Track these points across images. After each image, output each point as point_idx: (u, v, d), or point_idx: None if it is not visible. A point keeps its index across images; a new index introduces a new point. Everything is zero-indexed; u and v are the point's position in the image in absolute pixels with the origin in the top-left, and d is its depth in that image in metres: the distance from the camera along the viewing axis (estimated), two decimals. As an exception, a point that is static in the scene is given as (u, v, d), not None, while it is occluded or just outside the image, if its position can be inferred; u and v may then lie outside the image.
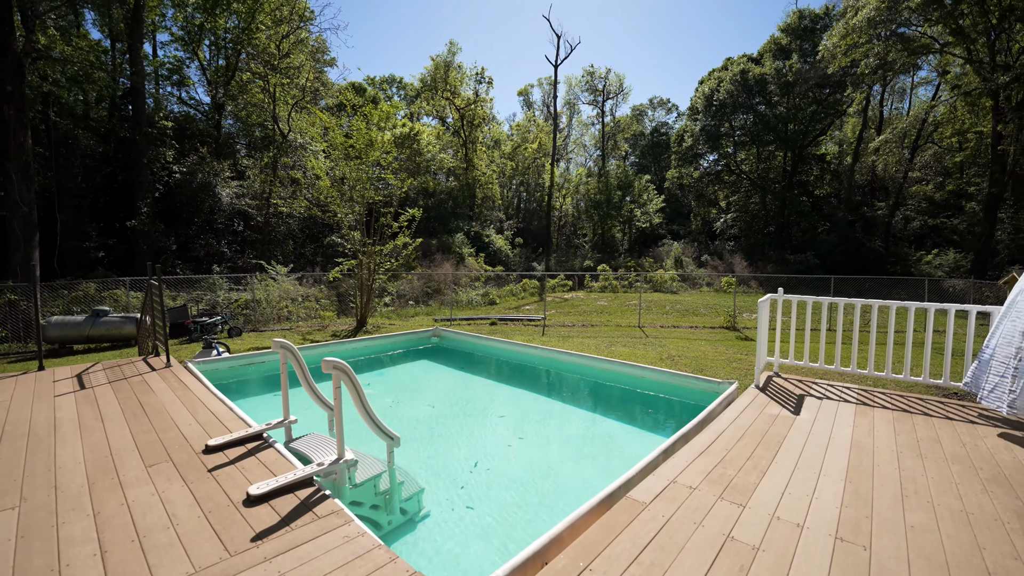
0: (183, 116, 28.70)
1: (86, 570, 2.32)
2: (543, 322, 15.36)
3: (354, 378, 3.41)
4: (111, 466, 3.40)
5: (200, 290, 18.33)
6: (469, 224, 33.07)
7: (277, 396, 6.51)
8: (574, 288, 27.71)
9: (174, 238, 21.80)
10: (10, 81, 13.94)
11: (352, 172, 13.95)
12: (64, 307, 15.49)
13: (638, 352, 10.53)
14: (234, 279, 18.79)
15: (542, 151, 40.70)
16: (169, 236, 21.58)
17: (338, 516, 2.83)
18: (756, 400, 4.91)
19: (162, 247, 21.31)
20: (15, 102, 14.03)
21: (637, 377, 6.73)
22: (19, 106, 14.15)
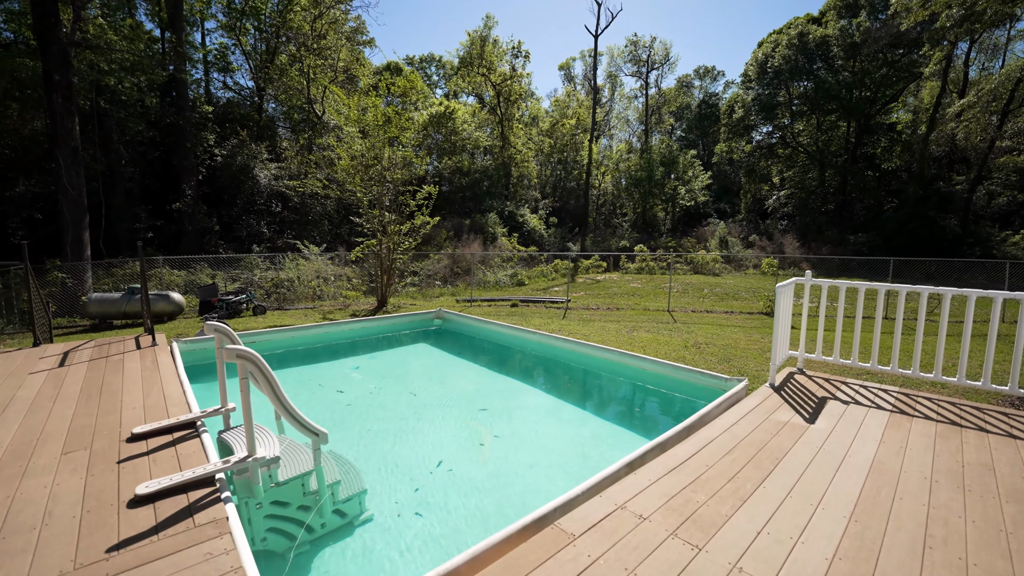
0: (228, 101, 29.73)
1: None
2: (565, 304, 14.71)
3: (264, 368, 3.03)
4: (28, 452, 3.24)
5: (238, 269, 18.95)
6: (503, 204, 32.48)
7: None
8: (608, 269, 26.66)
9: (216, 219, 22.70)
10: (57, 70, 14.64)
11: (369, 151, 13.69)
12: (113, 285, 16.46)
13: (661, 338, 9.77)
14: (270, 258, 19.33)
15: (581, 127, 39.12)
16: (212, 217, 22.49)
17: (215, 526, 2.47)
18: (765, 402, 4.15)
19: (206, 228, 22.25)
20: (63, 90, 14.74)
21: (637, 369, 6.05)
22: (67, 94, 14.87)
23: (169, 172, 22.47)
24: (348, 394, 5.87)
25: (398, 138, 14.58)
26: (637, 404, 5.84)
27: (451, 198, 33.82)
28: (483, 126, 38.30)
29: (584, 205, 36.62)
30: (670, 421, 5.10)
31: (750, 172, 34.01)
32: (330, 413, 5.37)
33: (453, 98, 41.30)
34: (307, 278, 18.34)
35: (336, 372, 6.83)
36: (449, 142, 36.41)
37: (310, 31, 26.02)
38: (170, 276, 17.54)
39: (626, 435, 4.85)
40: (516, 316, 12.86)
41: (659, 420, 5.31)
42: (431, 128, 36.64)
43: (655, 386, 5.99)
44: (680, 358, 8.10)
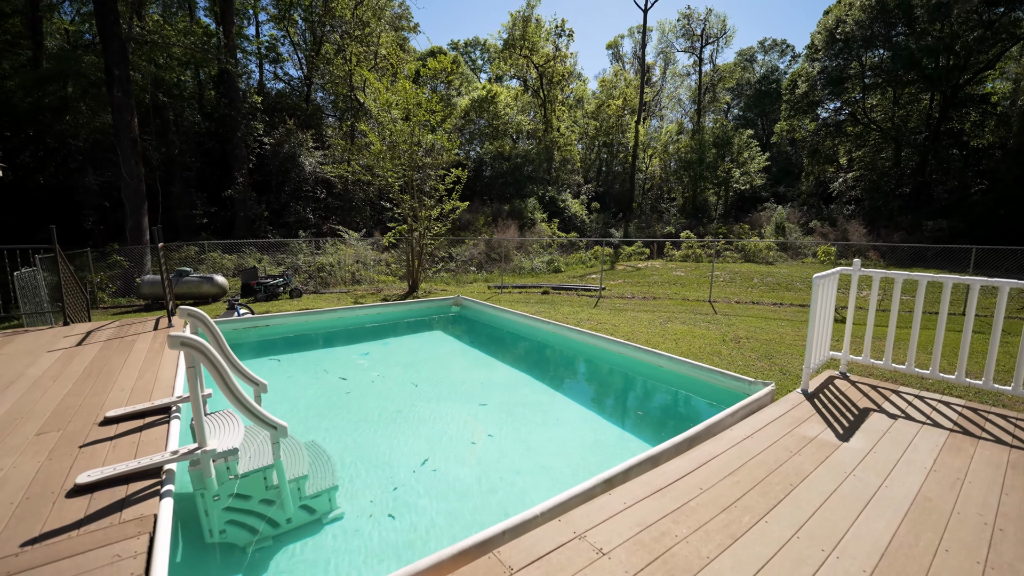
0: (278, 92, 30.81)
1: None
2: (599, 292, 14.10)
3: (213, 357, 2.84)
4: (5, 430, 3.27)
5: (283, 253, 19.65)
6: (544, 188, 31.82)
7: (256, 362, 6.43)
8: (652, 256, 25.52)
9: (265, 206, 23.67)
10: (117, 66, 15.55)
11: (399, 135, 13.57)
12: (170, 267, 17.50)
13: (697, 331, 9.09)
14: (313, 243, 19.93)
15: (628, 107, 37.46)
16: (261, 204, 23.46)
17: (138, 524, 2.31)
18: (792, 412, 3.55)
19: (256, 214, 23.27)
20: (122, 84, 15.67)
21: (653, 366, 5.50)
22: (125, 88, 15.80)
23: (223, 161, 23.58)
24: (350, 381, 5.75)
25: (429, 122, 14.38)
26: (650, 406, 5.32)
27: (492, 183, 33.55)
28: (526, 110, 37.53)
29: (629, 189, 35.20)
30: (685, 427, 4.57)
31: (813, 153, 31.24)
32: (328, 400, 5.26)
33: (496, 82, 40.72)
34: (346, 263, 18.75)
35: (346, 357, 6.76)
36: (491, 127, 36.02)
37: (352, 18, 26.25)
38: (221, 260, 18.46)
39: (632, 442, 4.38)
40: (545, 304, 12.45)
41: (671, 426, 4.78)
42: (473, 113, 36.36)
43: (672, 386, 5.44)
44: (715, 353, 7.44)
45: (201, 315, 3.64)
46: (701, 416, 4.44)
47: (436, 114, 14.05)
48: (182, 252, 18.17)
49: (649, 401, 5.48)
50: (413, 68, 14.96)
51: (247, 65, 30.01)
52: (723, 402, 4.41)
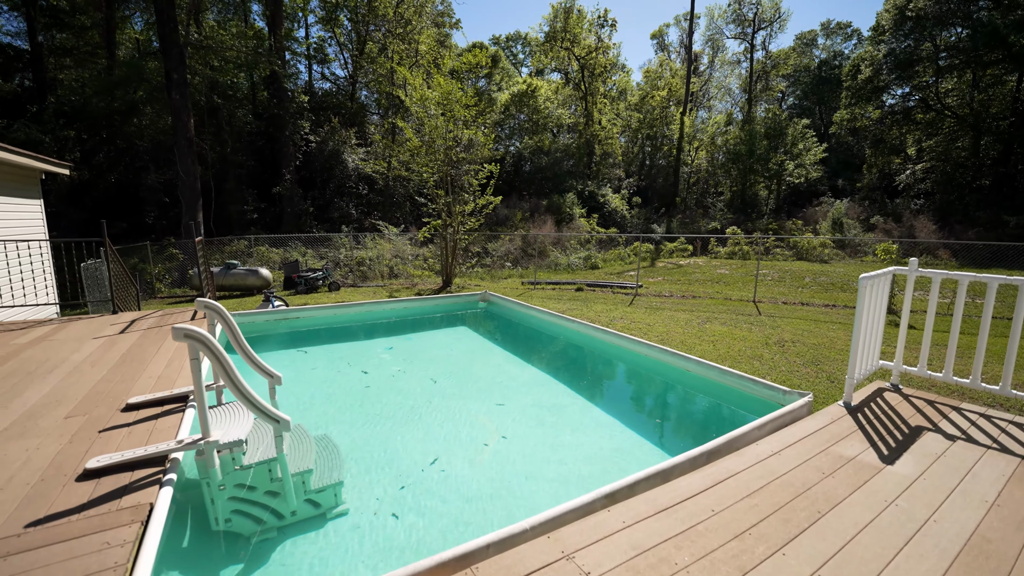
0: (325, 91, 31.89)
1: None
2: (635, 290, 13.65)
3: (216, 349, 2.86)
4: (40, 414, 3.45)
5: (326, 247, 20.33)
6: (584, 183, 31.25)
7: (284, 353, 6.59)
8: (695, 253, 24.53)
9: (311, 201, 24.57)
10: (175, 70, 16.53)
11: (433, 130, 13.62)
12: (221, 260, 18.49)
13: (737, 333, 8.61)
14: (354, 238, 20.52)
15: (674, 98, 36.12)
16: (306, 200, 24.38)
17: (133, 512, 2.35)
18: (830, 427, 3.19)
19: (301, 210, 24.21)
20: (179, 88, 16.65)
21: (680, 370, 5.17)
22: (182, 91, 16.78)
23: (272, 159, 24.66)
24: (372, 375, 5.78)
25: (464, 117, 14.36)
26: (673, 414, 5.02)
27: (531, 179, 33.34)
28: (566, 103, 36.97)
29: (673, 184, 34.01)
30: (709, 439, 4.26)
31: (877, 143, 28.91)
32: (347, 394, 5.30)
33: (537, 76, 40.34)
34: (384, 257, 19.17)
35: (371, 351, 6.82)
36: (531, 121, 35.75)
37: (394, 16, 26.68)
38: (268, 253, 19.32)
39: (653, 451, 4.12)
40: (577, 301, 12.18)
41: (694, 436, 4.47)
42: (513, 108, 36.20)
43: (700, 393, 5.10)
44: (756, 356, 6.99)
45: (217, 307, 3.71)
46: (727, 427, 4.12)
47: (471, 108, 13.99)
48: (232, 246, 19.16)
49: (673, 408, 5.17)
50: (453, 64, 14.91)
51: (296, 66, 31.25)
52: (754, 412, 4.07)
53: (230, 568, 2.96)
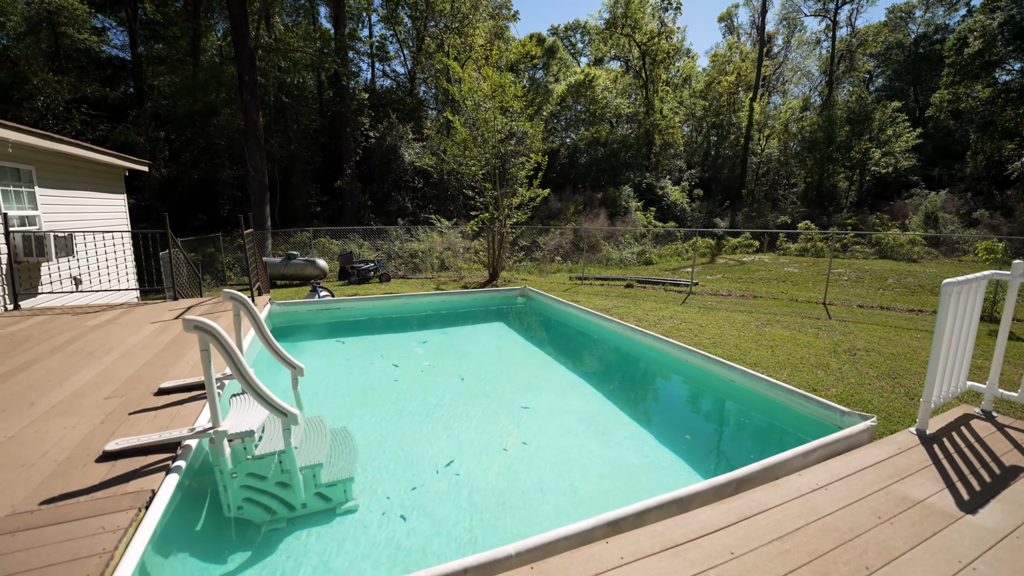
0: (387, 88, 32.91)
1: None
2: (689, 288, 12.89)
3: (225, 341, 2.88)
4: (85, 392, 3.70)
5: (381, 240, 21.01)
6: (642, 175, 30.06)
7: (323, 342, 6.74)
8: (761, 250, 22.86)
9: (369, 195, 25.50)
10: (246, 72, 17.65)
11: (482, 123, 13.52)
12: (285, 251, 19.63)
13: (801, 338, 7.90)
14: (408, 231, 21.06)
15: (742, 83, 33.76)
16: (365, 193, 25.33)
17: (134, 498, 2.40)
18: (896, 459, 2.70)
19: (360, 203, 25.19)
20: (250, 89, 17.77)
21: (724, 380, 4.67)
22: (253, 92, 17.90)
23: (335, 154, 25.83)
24: (402, 369, 5.78)
25: (513, 108, 14.15)
26: (716, 430, 4.56)
27: (586, 171, 32.58)
28: (626, 92, 35.66)
29: (739, 175, 31.91)
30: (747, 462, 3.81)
31: (986, 126, 25.27)
32: (375, 387, 5.32)
33: (596, 65, 39.24)
34: (436, 250, 19.49)
35: (406, 344, 6.86)
36: (588, 112, 34.87)
37: (450, 11, 26.90)
38: (329, 245, 20.26)
39: (686, 472, 3.73)
40: (625, 298, 11.70)
41: (736, 458, 4.01)
42: (569, 98, 35.48)
43: (746, 408, 4.59)
44: (820, 365, 6.34)
45: (240, 297, 3.80)
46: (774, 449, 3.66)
47: (520, 99, 13.75)
48: (296, 237, 20.29)
49: (714, 424, 4.70)
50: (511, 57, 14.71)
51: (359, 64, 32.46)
52: (807, 434, 3.57)
53: (238, 554, 2.99)
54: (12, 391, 3.72)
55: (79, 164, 7.86)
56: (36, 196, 6.86)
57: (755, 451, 3.96)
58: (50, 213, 7.14)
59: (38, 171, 6.89)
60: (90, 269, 7.83)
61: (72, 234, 6.91)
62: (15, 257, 6.22)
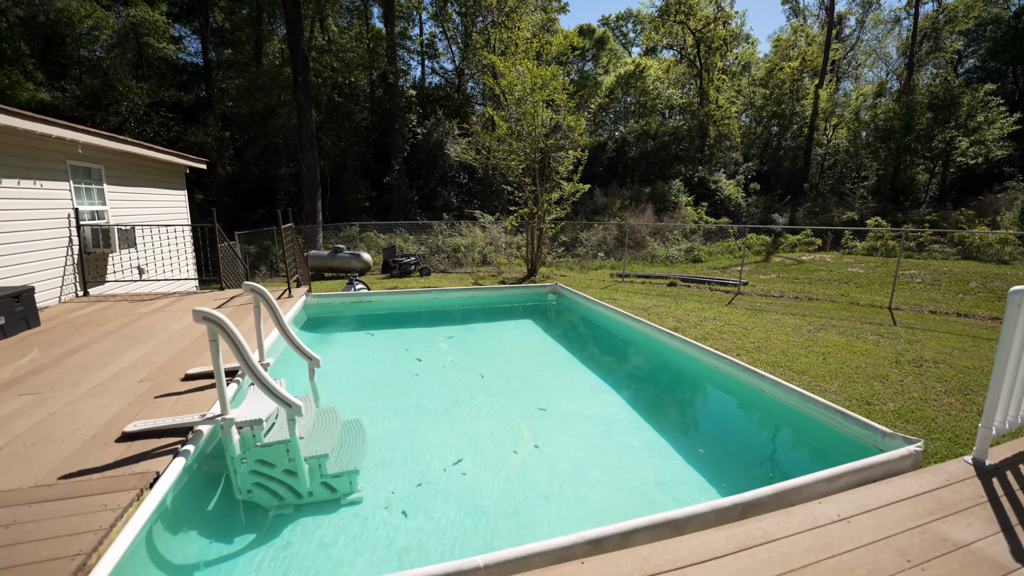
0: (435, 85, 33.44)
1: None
2: (737, 288, 12.20)
3: (232, 332, 2.96)
4: (123, 375, 3.97)
5: (426, 234, 21.43)
6: (694, 168, 28.76)
7: (353, 335, 6.87)
8: (823, 248, 21.24)
9: (416, 191, 26.07)
10: (300, 73, 18.48)
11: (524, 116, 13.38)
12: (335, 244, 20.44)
13: (859, 345, 7.30)
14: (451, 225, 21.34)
15: (808, 68, 31.44)
16: (412, 189, 25.91)
17: (139, 479, 2.52)
18: (942, 492, 2.35)
19: (407, 198, 25.81)
20: (303, 89, 18.59)
21: (755, 390, 4.30)
22: (306, 92, 18.71)
23: (384, 151, 26.59)
24: (425, 364, 5.81)
25: (554, 101, 13.89)
26: (738, 445, 4.21)
27: (634, 165, 31.64)
28: (678, 82, 34.21)
29: (802, 167, 29.81)
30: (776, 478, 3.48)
31: (1105, 108, 22.00)
32: (396, 380, 5.38)
33: (648, 55, 37.92)
34: (478, 245, 19.61)
35: (432, 339, 6.90)
36: (638, 103, 33.79)
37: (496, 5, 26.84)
38: (376, 239, 20.90)
39: (701, 488, 3.47)
40: (667, 297, 11.25)
41: (757, 477, 3.68)
42: (619, 90, 34.52)
43: (778, 422, 4.21)
44: (878, 376, 5.80)
45: (260, 289, 3.92)
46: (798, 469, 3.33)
47: (560, 92, 13.47)
48: (345, 231, 21.08)
49: (739, 438, 4.35)
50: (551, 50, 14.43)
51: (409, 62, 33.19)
52: (842, 455, 3.21)
53: (244, 536, 3.09)
54: (63, 371, 4.05)
55: (143, 163, 8.51)
56: (105, 192, 7.50)
57: (779, 471, 3.62)
58: (117, 208, 7.79)
59: (107, 169, 7.52)
60: (152, 259, 8.48)
61: (134, 227, 7.49)
62: (85, 248, 6.82)
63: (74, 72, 24.33)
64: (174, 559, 2.67)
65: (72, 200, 6.74)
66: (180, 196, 10.21)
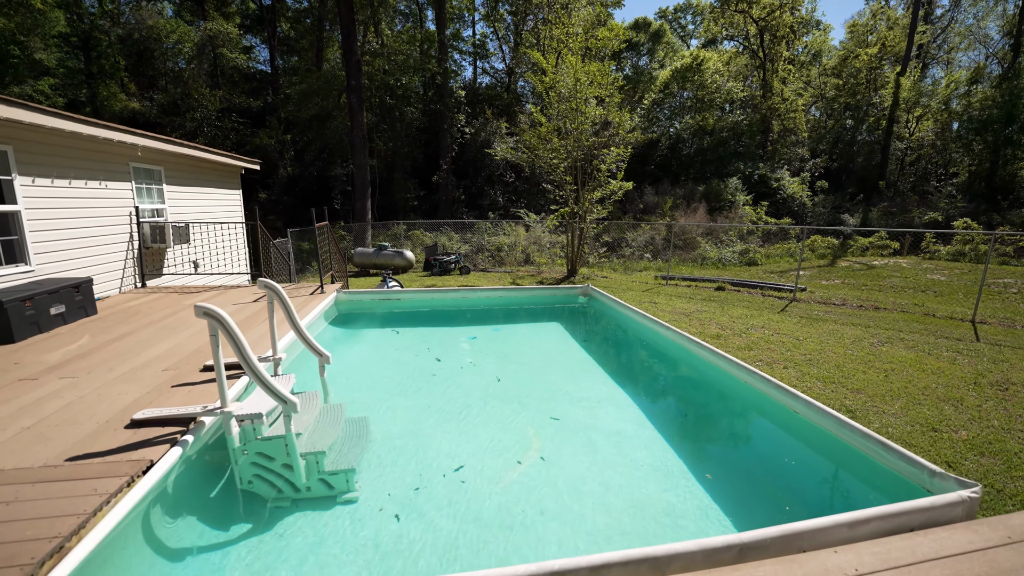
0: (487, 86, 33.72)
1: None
2: (793, 294, 11.31)
3: (230, 327, 3.01)
4: (150, 363, 4.20)
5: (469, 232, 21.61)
6: (754, 165, 27.09)
7: (379, 331, 6.94)
8: (900, 252, 19.27)
9: (463, 190, 26.39)
10: (352, 76, 19.18)
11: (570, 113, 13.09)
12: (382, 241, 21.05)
13: (931, 363, 6.59)
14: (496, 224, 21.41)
15: (889, 55, 28.69)
16: (459, 188, 26.25)
17: (132, 466, 2.61)
18: (996, 552, 1.95)
19: (454, 197, 26.18)
20: (356, 92, 19.28)
21: (788, 411, 3.84)
22: (358, 95, 19.40)
23: (433, 151, 27.14)
24: (444, 364, 5.77)
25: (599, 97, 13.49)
26: (763, 470, 3.78)
27: (688, 162, 30.31)
28: (740, 75, 32.36)
29: (879, 164, 27.25)
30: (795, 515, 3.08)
31: None
32: (412, 379, 5.37)
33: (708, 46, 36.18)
34: (521, 244, 19.51)
35: (455, 339, 6.86)
36: (696, 98, 32.29)
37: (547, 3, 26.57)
38: (422, 237, 21.34)
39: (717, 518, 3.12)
40: (712, 303, 10.65)
41: (779, 507, 3.26)
42: (674, 85, 33.16)
43: (809, 448, 3.74)
44: (951, 399, 5.18)
45: (273, 286, 4.00)
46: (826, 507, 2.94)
47: (605, 88, 13.06)
48: (392, 230, 21.70)
49: (762, 465, 3.91)
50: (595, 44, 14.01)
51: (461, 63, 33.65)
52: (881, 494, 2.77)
53: (240, 525, 3.14)
54: (103, 357, 4.36)
55: (199, 164, 9.12)
56: (164, 192, 8.10)
57: (804, 506, 3.20)
58: (175, 206, 8.39)
59: (166, 171, 8.11)
60: (206, 254, 9.07)
61: (188, 224, 8.03)
62: (144, 243, 7.39)
63: (161, 83, 26.74)
64: (160, 546, 2.75)
65: (133, 199, 7.32)
66: (235, 195, 10.86)
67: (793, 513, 2.96)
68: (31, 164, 5.59)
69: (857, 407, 5.14)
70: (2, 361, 4.21)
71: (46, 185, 5.79)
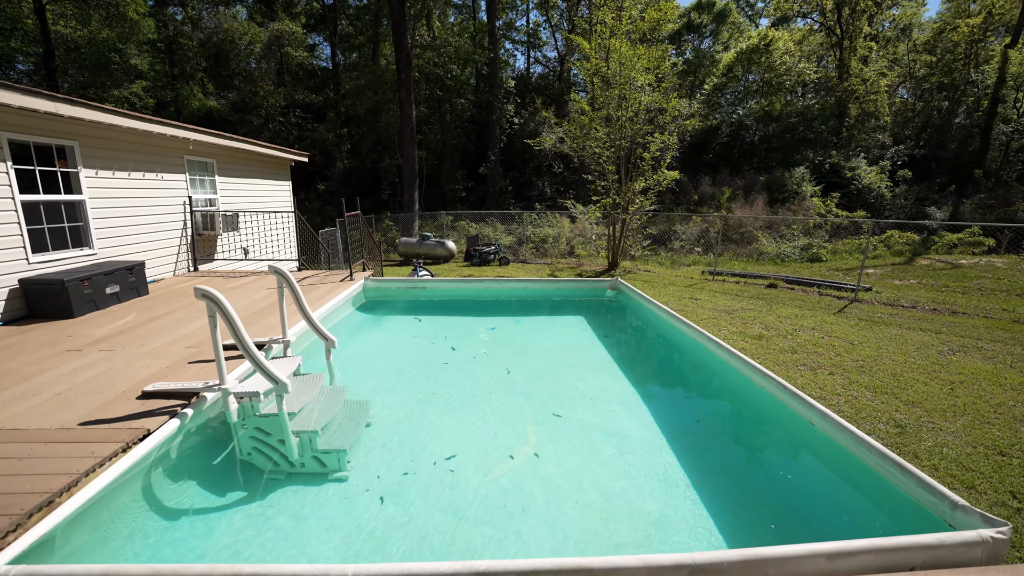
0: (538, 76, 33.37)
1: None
2: (854, 293, 10.37)
3: (226, 308, 3.15)
4: (178, 340, 4.52)
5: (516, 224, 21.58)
6: (826, 153, 24.93)
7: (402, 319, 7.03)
8: (996, 250, 17.02)
9: (510, 180, 26.35)
10: (403, 69, 19.58)
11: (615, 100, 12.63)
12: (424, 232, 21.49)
13: (1010, 376, 5.96)
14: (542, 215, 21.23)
15: (993, 24, 25.22)
16: (506, 179, 26.24)
17: (128, 434, 2.81)
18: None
19: (501, 188, 26.21)
20: (405, 85, 19.69)
21: (804, 421, 3.43)
22: (408, 87, 19.80)
23: (482, 142, 27.28)
24: (456, 353, 5.78)
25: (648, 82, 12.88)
26: (769, 486, 3.43)
27: (751, 150, 28.44)
28: (813, 55, 29.78)
29: (977, 151, 24.16)
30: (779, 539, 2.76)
31: None
32: (424, 367, 5.42)
33: (779, 25, 33.60)
34: (565, 235, 19.22)
35: (475, 329, 6.85)
36: (762, 81, 30.15)
37: (601, -13, 25.66)
38: (468, 227, 21.58)
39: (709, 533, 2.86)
40: (761, 300, 10.00)
41: (776, 528, 2.93)
42: (739, 68, 31.12)
43: (822, 464, 3.34)
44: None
45: (283, 271, 4.16)
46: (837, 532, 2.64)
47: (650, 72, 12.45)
48: (439, 220, 22.10)
49: (770, 478, 3.55)
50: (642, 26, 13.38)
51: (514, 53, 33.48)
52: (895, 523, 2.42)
53: (235, 492, 3.31)
54: (140, 333, 4.75)
55: (250, 157, 9.70)
56: (216, 183, 8.69)
57: (804, 531, 2.86)
58: (226, 196, 8.99)
59: (218, 163, 8.70)
60: (256, 242, 9.67)
61: (237, 213, 8.57)
62: (196, 231, 7.99)
63: (235, 82, 28.77)
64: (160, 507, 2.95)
65: (187, 189, 7.91)
66: (285, 186, 11.47)
67: (787, 535, 2.67)
68: (94, 157, 6.18)
69: (909, 422, 4.59)
70: (58, 334, 4.70)
71: (107, 176, 6.38)
